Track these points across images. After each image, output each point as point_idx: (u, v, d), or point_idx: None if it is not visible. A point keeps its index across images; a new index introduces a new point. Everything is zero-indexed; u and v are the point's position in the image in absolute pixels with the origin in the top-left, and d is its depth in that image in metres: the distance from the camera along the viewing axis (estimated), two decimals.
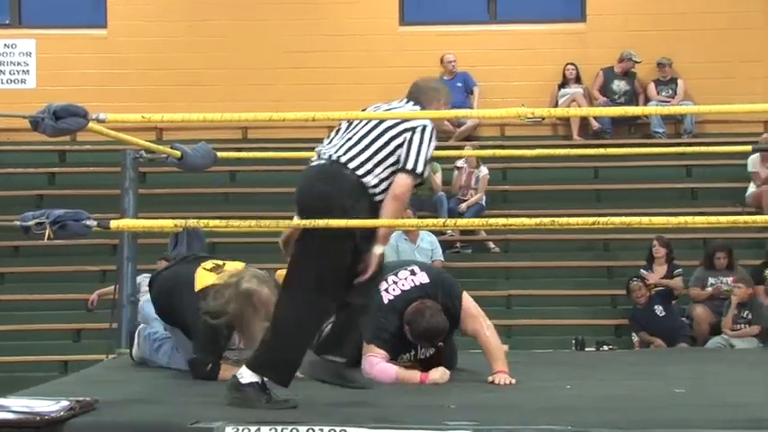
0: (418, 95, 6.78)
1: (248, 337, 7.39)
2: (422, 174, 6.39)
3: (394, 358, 7.53)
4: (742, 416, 5.72)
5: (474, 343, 7.93)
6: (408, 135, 6.41)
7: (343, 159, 6.38)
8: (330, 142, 6.60)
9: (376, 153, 6.38)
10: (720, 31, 17.81)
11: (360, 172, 6.34)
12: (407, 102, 6.76)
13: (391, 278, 7.69)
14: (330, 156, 6.45)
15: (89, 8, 18.80)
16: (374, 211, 6.38)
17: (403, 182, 6.35)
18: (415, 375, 7.35)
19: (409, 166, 6.34)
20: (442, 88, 7.00)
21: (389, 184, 6.36)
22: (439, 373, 7.32)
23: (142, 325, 8.59)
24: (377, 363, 7.42)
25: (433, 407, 6.16)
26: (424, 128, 6.48)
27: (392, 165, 6.37)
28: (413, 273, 7.73)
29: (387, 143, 6.40)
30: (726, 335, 13.23)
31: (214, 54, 18.33)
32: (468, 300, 7.74)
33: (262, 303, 7.36)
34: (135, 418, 5.71)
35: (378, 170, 6.36)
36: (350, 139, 6.49)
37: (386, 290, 7.58)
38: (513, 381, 7.27)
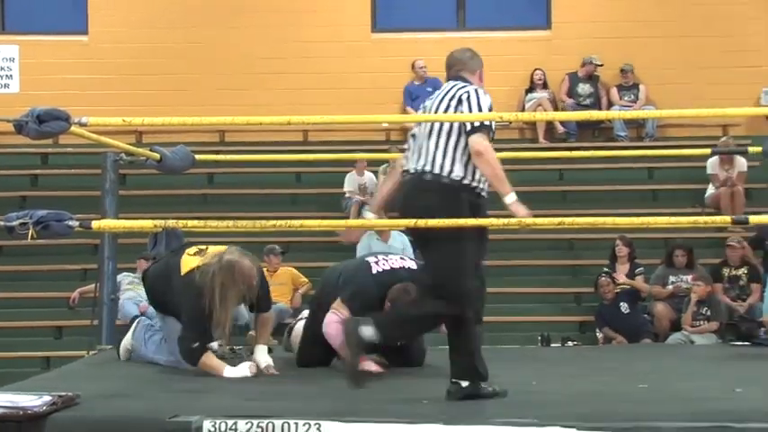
0: (460, 68, 6.90)
1: (222, 310, 7.43)
2: (483, 124, 6.48)
3: None
4: (702, 409, 5.74)
5: (442, 339, 7.91)
6: (461, 108, 6.57)
7: (428, 168, 6.45)
8: (409, 157, 6.68)
9: (447, 143, 6.46)
10: (679, 39, 17.90)
11: (445, 171, 6.42)
12: (451, 81, 6.86)
13: (381, 256, 7.71)
14: (416, 169, 6.52)
15: (71, 15, 18.77)
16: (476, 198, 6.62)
17: (475, 141, 6.42)
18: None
19: (469, 127, 6.44)
20: (476, 54, 7.09)
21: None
22: (374, 366, 7.19)
23: (143, 317, 8.61)
24: (336, 321, 7.31)
25: (406, 401, 6.17)
26: (468, 93, 6.64)
27: (465, 144, 6.46)
28: (403, 258, 7.73)
29: (450, 127, 6.49)
30: (686, 331, 13.28)
31: (193, 60, 18.31)
32: None
33: (242, 275, 7.45)
34: (116, 413, 5.70)
35: (456, 155, 6.45)
36: (420, 146, 6.57)
37: (375, 262, 7.61)
38: None
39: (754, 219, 6.66)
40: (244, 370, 7.57)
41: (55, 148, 17.41)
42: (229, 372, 7.53)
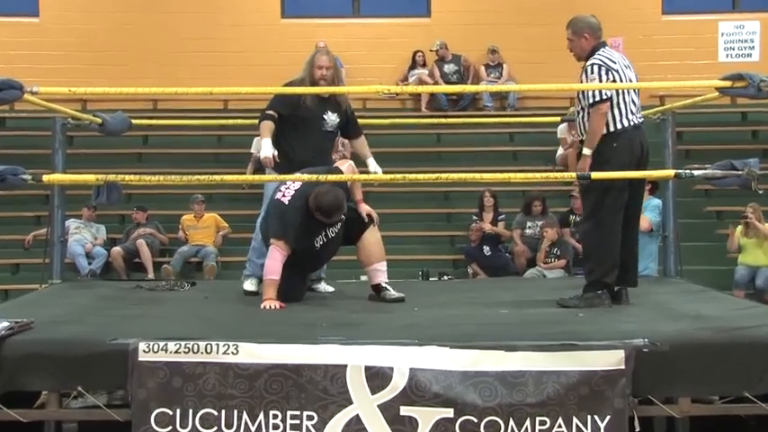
0: None
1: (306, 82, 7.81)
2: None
3: (313, 246, 7.28)
4: (552, 330, 5.81)
5: (347, 274, 7.93)
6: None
7: None
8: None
9: None
10: (536, 26, 18.00)
11: None
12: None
13: (283, 186, 7.36)
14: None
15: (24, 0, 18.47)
16: None
17: None
18: (268, 293, 7.10)
19: None
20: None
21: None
22: (275, 304, 7.10)
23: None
24: (276, 259, 7.11)
25: (308, 325, 6.16)
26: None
27: None
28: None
29: None
30: (540, 267, 13.45)
31: (129, 40, 18.16)
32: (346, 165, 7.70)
33: (316, 57, 7.97)
34: (64, 336, 5.62)
35: None
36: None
37: (282, 195, 7.29)
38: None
39: (595, 175, 6.71)
40: (267, 150, 7.61)
41: (11, 113, 17.13)
42: (266, 143, 7.63)
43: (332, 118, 7.93)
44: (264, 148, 7.62)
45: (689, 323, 6.03)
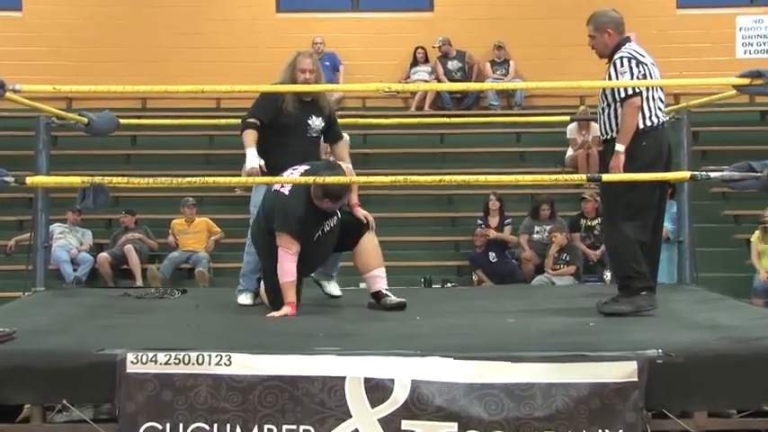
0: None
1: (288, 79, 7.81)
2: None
3: (310, 239, 7.22)
4: (562, 340, 5.81)
5: (345, 281, 7.92)
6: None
7: None
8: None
9: None
10: (545, 20, 18.06)
11: None
12: None
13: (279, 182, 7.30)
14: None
15: None
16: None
17: None
18: (289, 296, 7.11)
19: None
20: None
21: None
22: (291, 311, 7.08)
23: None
24: (288, 259, 7.09)
25: (304, 335, 6.16)
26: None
27: None
28: (294, 169, 7.28)
29: None
30: (548, 274, 13.46)
31: (116, 35, 18.19)
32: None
33: (298, 60, 7.78)
34: (48, 347, 5.62)
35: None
36: None
37: (281, 186, 7.21)
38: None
39: (606, 177, 6.71)
40: (253, 160, 7.51)
41: None
42: (251, 153, 7.55)
43: (316, 123, 7.88)
44: (250, 158, 7.55)
45: (705, 333, 6.04)
